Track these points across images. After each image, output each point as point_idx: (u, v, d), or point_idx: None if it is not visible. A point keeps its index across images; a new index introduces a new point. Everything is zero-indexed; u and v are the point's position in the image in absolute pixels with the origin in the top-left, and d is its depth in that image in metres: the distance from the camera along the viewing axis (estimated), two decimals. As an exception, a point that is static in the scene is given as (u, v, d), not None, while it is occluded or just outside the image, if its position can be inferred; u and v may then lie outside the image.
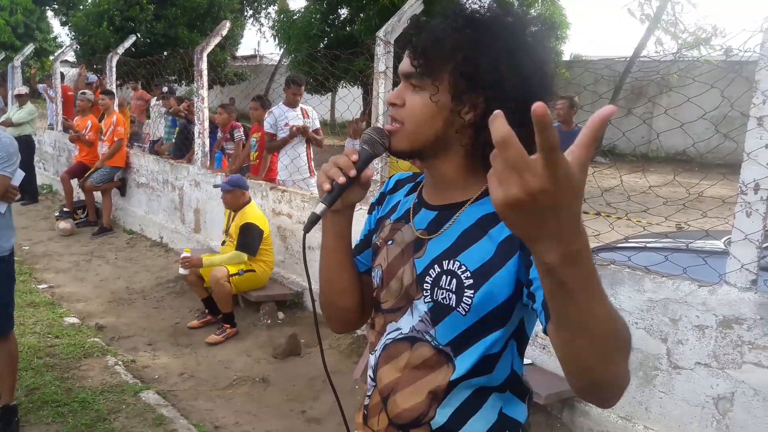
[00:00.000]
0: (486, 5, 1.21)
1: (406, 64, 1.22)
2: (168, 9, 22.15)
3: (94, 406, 3.75)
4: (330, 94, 18.10)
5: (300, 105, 6.22)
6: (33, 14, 27.31)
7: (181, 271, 5.18)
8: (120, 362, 4.47)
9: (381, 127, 1.29)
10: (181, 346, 4.97)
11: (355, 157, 1.24)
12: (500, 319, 1.19)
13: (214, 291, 5.09)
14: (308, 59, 13.60)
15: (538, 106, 0.71)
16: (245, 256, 5.17)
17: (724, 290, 2.98)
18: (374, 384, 1.35)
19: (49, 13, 29.96)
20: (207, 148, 6.99)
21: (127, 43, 8.98)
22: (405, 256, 1.30)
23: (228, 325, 5.13)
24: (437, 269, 1.22)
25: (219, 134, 7.54)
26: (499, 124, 0.74)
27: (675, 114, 3.77)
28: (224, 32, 6.76)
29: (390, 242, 1.35)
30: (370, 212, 1.48)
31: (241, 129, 7.21)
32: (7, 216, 3.42)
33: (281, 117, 6.05)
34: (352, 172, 1.22)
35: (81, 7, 26.11)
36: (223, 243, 5.46)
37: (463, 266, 1.19)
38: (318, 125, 6.36)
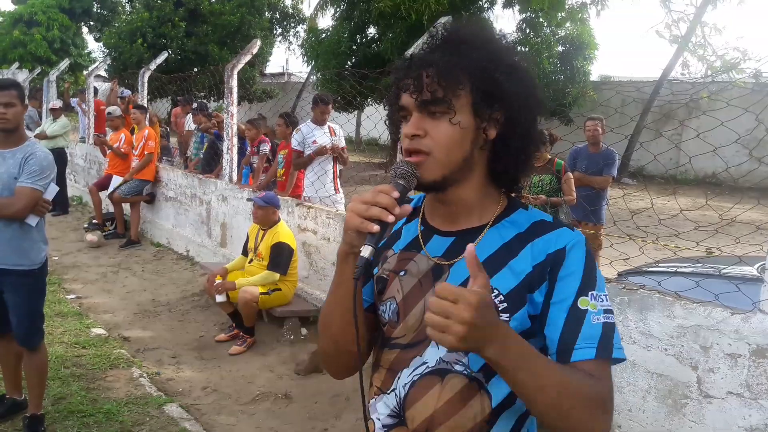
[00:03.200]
0: (474, 28, 1.26)
1: (416, 95, 1.19)
2: (199, 26, 22.59)
3: (119, 417, 3.77)
4: (356, 111, 18.24)
5: (328, 123, 6.27)
6: (69, 30, 28.00)
7: (219, 298, 5.16)
8: (145, 374, 4.50)
9: (406, 160, 1.21)
10: (205, 360, 4.99)
11: (396, 194, 1.16)
12: (533, 340, 1.20)
13: (242, 308, 5.11)
14: (336, 77, 13.74)
15: (468, 251, 1.08)
16: (277, 276, 5.18)
17: (758, 318, 2.91)
18: (392, 425, 1.28)
19: (84, 29, 30.70)
20: (235, 164, 7.07)
21: (160, 59, 9.16)
22: (424, 287, 1.26)
23: (247, 336, 5.18)
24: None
25: (247, 150, 7.63)
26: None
27: (705, 137, 3.72)
28: (255, 50, 6.87)
29: (402, 273, 1.29)
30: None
31: (268, 143, 7.28)
32: (39, 229, 3.47)
33: (309, 135, 6.10)
34: (397, 210, 1.15)
35: (115, 23, 26.72)
36: (250, 261, 5.44)
37: (495, 290, 1.19)
38: (344, 143, 6.40)
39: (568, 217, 5.82)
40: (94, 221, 9.04)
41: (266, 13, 25.70)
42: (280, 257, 5.19)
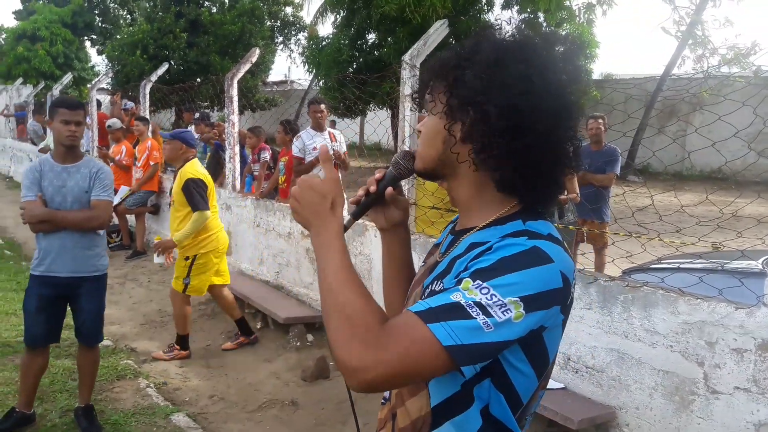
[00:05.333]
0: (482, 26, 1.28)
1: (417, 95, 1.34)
2: (200, 37, 22.68)
3: (126, 428, 3.78)
4: (359, 117, 18.26)
5: (327, 129, 6.29)
6: (72, 44, 28.16)
7: (157, 259, 5.10)
8: (152, 384, 4.51)
9: (408, 149, 1.39)
10: (212, 369, 5.00)
11: (378, 175, 1.37)
12: None
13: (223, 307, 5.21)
14: (337, 84, 13.78)
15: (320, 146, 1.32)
16: (207, 213, 4.94)
17: (763, 312, 2.89)
18: (386, 400, 1.37)
19: (87, 43, 30.89)
20: (238, 172, 7.09)
21: (160, 71, 9.20)
22: (422, 277, 1.32)
23: (239, 333, 5.31)
24: (429, 289, 1.23)
25: (248, 158, 7.65)
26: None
27: (708, 132, 3.70)
28: (254, 59, 6.89)
29: (422, 264, 1.38)
30: None
31: (268, 151, 7.30)
32: (103, 236, 3.79)
33: (309, 141, 6.11)
34: (372, 188, 1.35)
35: (117, 36, 26.88)
36: (170, 205, 5.31)
37: (443, 288, 1.18)
38: (345, 149, 6.42)
39: (574, 214, 5.81)
40: (99, 233, 9.06)
41: (267, 22, 25.81)
42: (192, 195, 4.91)
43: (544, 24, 17.05)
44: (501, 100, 1.14)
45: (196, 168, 5.08)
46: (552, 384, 3.65)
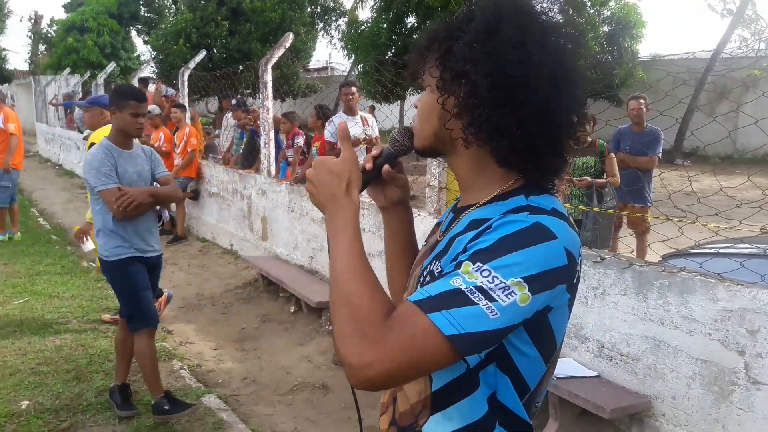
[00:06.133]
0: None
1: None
2: (242, 25, 22.88)
3: (158, 408, 3.84)
4: (399, 102, 18.16)
5: (360, 113, 6.23)
6: (118, 35, 28.80)
7: (85, 247, 5.01)
8: (185, 366, 4.58)
9: (409, 126, 1.31)
10: (246, 351, 5.05)
11: (375, 152, 1.32)
12: None
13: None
14: (376, 68, 13.69)
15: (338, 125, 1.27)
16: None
17: (809, 299, 2.74)
18: None
19: (133, 33, 31.53)
20: (273, 158, 7.12)
21: (198, 58, 9.29)
22: (423, 257, 1.28)
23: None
24: (428, 270, 1.18)
25: (282, 143, 7.68)
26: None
27: (763, 113, 3.49)
28: (287, 44, 6.88)
29: (425, 243, 1.33)
30: None
31: (302, 136, 7.31)
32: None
33: (342, 126, 6.08)
34: (368, 165, 1.29)
35: (162, 26, 27.35)
36: None
37: (441, 269, 1.13)
38: (377, 133, 6.36)
39: (614, 198, 5.63)
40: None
41: (307, 8, 25.85)
42: None
43: (588, 3, 16.60)
44: (493, 70, 1.07)
45: (104, 131, 4.73)
46: (585, 372, 3.55)
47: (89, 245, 5.02)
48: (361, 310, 1.03)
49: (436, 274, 1.13)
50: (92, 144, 4.72)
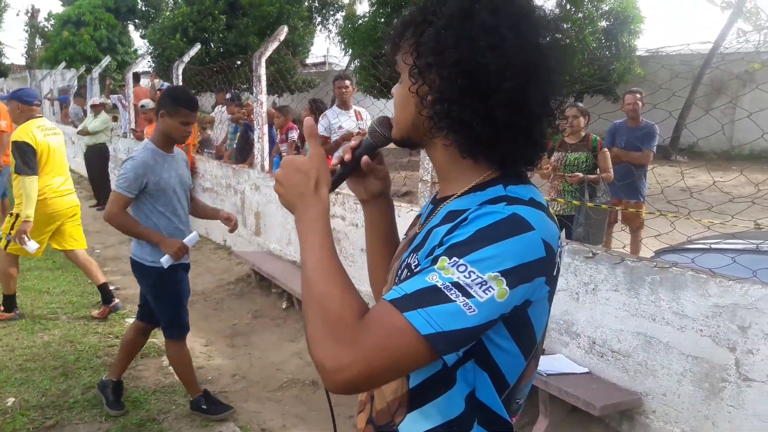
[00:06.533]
0: None
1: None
2: (239, 19, 22.77)
3: (146, 406, 3.81)
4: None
5: (354, 107, 6.18)
6: (115, 29, 28.73)
7: (28, 247, 4.87)
8: (175, 363, 4.53)
9: (387, 116, 1.28)
10: (237, 347, 5.01)
11: (353, 143, 1.27)
12: None
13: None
14: (372, 63, 13.61)
15: (305, 122, 1.22)
16: (33, 179, 4.74)
17: (800, 295, 2.70)
18: None
19: (130, 27, 31.43)
20: (266, 152, 7.07)
21: (193, 51, 9.22)
22: (401, 251, 1.25)
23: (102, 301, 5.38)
24: (405, 263, 1.15)
25: (276, 138, 7.63)
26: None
27: (760, 109, 3.44)
28: (282, 37, 6.82)
29: (403, 236, 1.31)
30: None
31: (296, 130, 7.26)
32: None
33: (335, 120, 6.03)
34: (347, 156, 1.25)
35: (159, 20, 27.24)
36: None
37: (417, 261, 1.10)
38: (372, 127, 6.31)
39: (607, 194, 5.59)
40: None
41: (305, 2, 25.72)
42: (18, 158, 4.72)
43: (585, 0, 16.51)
44: (462, 57, 1.03)
45: (26, 130, 4.87)
46: (576, 368, 3.52)
47: (32, 245, 4.87)
48: (333, 312, 0.99)
49: (413, 268, 1.10)
50: (14, 141, 4.75)
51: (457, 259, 0.97)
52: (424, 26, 1.09)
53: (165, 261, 3.40)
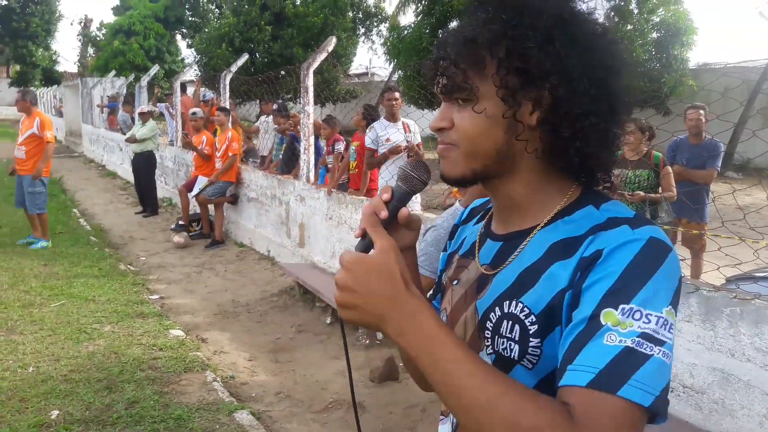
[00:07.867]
0: None
1: (436, 82, 1.05)
2: (284, 30, 22.98)
3: (189, 424, 3.71)
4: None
5: (401, 119, 6.05)
6: (164, 38, 29.36)
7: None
8: (219, 378, 4.44)
9: (421, 160, 1.11)
10: (280, 363, 4.90)
11: (386, 196, 1.05)
12: None
13: None
14: (417, 73, 13.51)
15: (364, 208, 1.02)
16: None
17: None
18: (444, 416, 1.18)
19: (178, 37, 32.08)
20: (312, 164, 7.00)
21: (240, 62, 9.24)
22: (468, 299, 1.09)
23: None
24: (498, 313, 1.00)
25: (321, 149, 7.56)
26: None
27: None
28: (330, 48, 6.75)
29: (455, 282, 1.15)
30: (444, 249, 1.27)
31: (343, 142, 7.17)
32: None
33: (382, 132, 5.91)
34: (383, 214, 1.02)
35: (206, 30, 27.71)
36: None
37: (526, 308, 0.96)
38: (419, 139, 6.17)
39: (669, 214, 5.32)
40: (180, 222, 9.25)
41: (349, 13, 25.85)
42: None
43: (635, 11, 16.14)
44: (579, 73, 0.95)
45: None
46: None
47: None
48: (526, 424, 0.82)
49: (523, 318, 0.96)
50: None
51: (625, 306, 0.86)
52: (509, 41, 0.95)
53: None
